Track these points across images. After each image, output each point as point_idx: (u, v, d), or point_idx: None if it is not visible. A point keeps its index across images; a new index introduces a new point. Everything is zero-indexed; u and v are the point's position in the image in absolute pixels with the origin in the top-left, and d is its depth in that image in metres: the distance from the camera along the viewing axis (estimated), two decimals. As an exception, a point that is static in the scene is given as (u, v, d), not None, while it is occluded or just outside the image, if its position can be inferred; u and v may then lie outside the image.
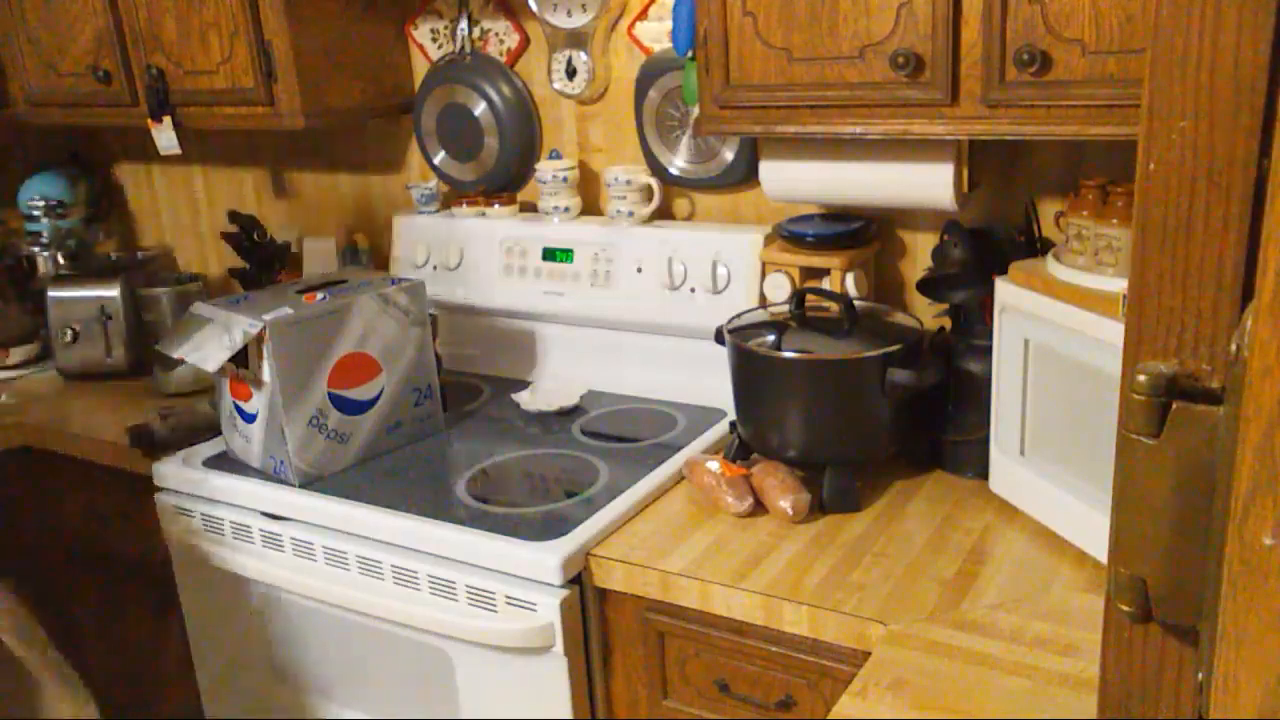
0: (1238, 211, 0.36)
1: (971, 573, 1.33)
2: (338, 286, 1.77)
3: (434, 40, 2.13)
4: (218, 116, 2.06)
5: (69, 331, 2.28)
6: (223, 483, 1.73)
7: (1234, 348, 0.36)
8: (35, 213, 2.57)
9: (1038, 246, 1.53)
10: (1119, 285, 1.25)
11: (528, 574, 1.43)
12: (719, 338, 1.63)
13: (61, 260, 2.49)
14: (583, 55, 1.93)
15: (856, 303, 1.59)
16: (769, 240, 1.80)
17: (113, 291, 2.29)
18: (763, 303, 1.78)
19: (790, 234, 1.75)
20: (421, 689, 1.61)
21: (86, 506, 2.11)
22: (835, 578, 1.33)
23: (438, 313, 2.04)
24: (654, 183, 1.91)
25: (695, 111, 1.65)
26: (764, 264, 1.78)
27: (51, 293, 2.31)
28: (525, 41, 2.03)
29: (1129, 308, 0.40)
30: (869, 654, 1.19)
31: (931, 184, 1.55)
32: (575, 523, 1.48)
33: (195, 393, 2.13)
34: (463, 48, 2.07)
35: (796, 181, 1.68)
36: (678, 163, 1.91)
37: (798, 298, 1.60)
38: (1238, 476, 0.32)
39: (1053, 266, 1.36)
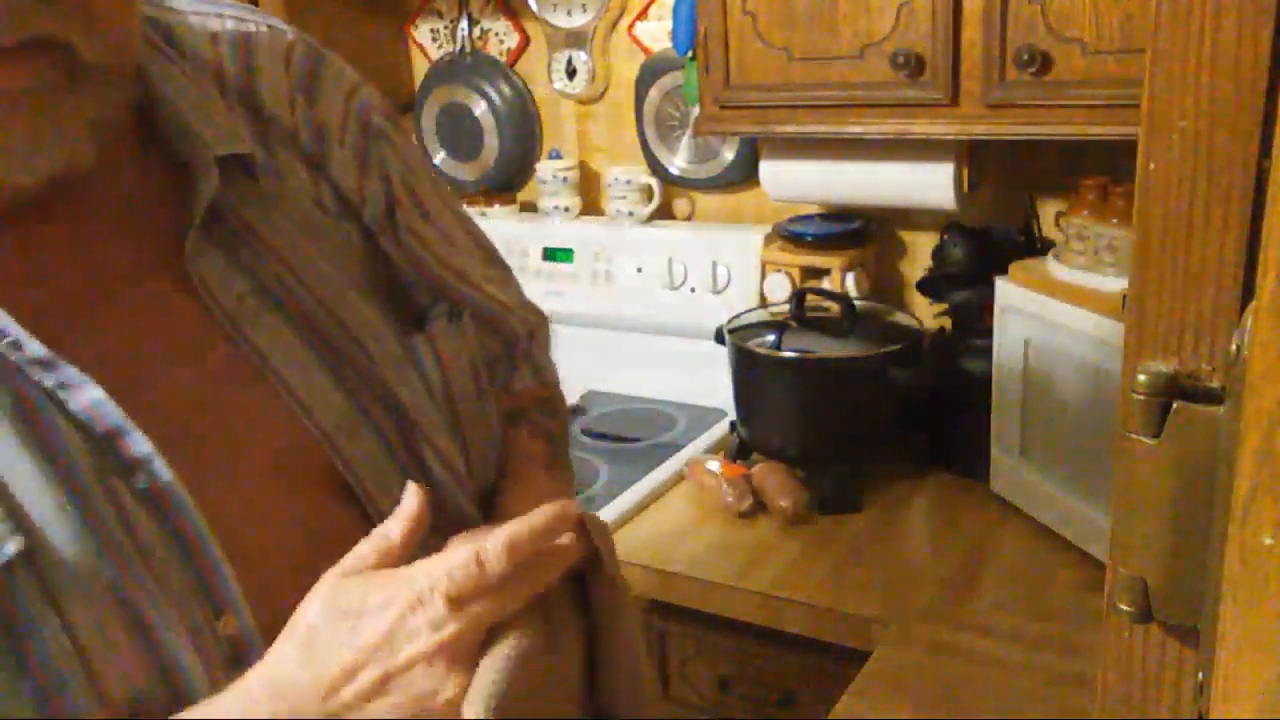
0: (1238, 211, 0.36)
1: (971, 573, 1.33)
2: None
3: (434, 40, 2.13)
4: (218, 116, 2.06)
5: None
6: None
7: (1234, 348, 0.36)
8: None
9: (1038, 246, 1.53)
10: (1119, 285, 1.25)
11: (528, 574, 1.42)
12: (719, 338, 1.63)
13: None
14: (583, 55, 1.93)
15: (856, 303, 1.59)
16: (769, 240, 1.80)
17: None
18: (763, 303, 1.78)
19: (790, 234, 1.75)
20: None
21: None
22: (835, 578, 1.33)
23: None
24: (654, 183, 1.91)
25: (695, 111, 1.65)
26: (764, 264, 1.78)
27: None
28: (525, 41, 2.03)
29: (1129, 308, 0.40)
30: (869, 654, 1.19)
31: (931, 184, 1.55)
32: (575, 523, 1.47)
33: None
34: (463, 48, 2.07)
35: (796, 181, 1.68)
36: (678, 163, 1.91)
37: (798, 298, 1.60)
38: (1238, 476, 0.32)
39: (1053, 266, 1.36)
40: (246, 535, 0.59)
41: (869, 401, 1.50)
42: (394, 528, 0.59)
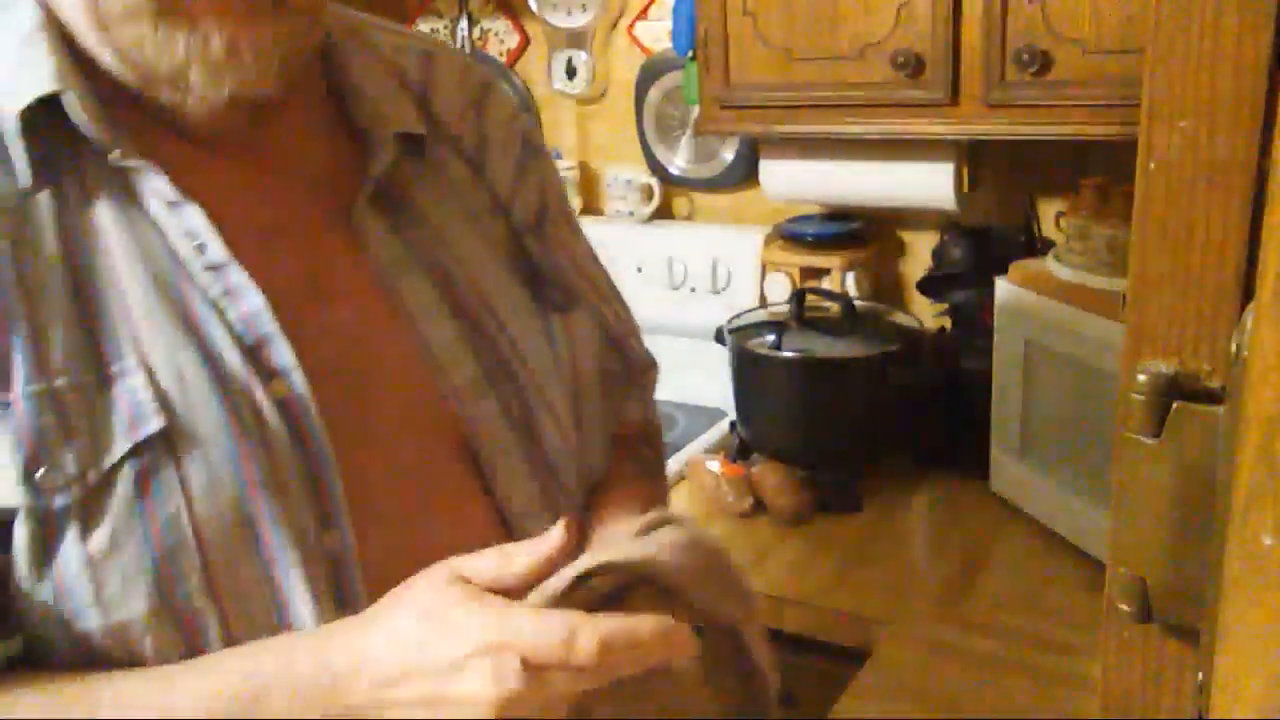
0: (1238, 211, 0.36)
1: (971, 573, 1.33)
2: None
3: (434, 40, 2.13)
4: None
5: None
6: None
7: (1234, 347, 0.36)
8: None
9: (1038, 246, 1.53)
10: (1119, 285, 1.25)
11: (528, 574, 1.42)
12: (719, 338, 1.63)
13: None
14: (583, 55, 1.93)
15: (856, 303, 1.59)
16: (769, 240, 1.80)
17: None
18: (763, 303, 1.78)
19: (790, 234, 1.75)
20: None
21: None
22: (835, 578, 1.33)
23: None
24: (654, 183, 1.91)
25: (695, 111, 1.65)
26: (764, 264, 1.78)
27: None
28: (525, 41, 2.03)
29: (1129, 308, 0.40)
30: (869, 654, 1.19)
31: (931, 184, 1.55)
32: (575, 523, 1.47)
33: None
34: (462, 48, 2.07)
35: (796, 181, 1.68)
36: (678, 163, 1.91)
37: (798, 298, 1.60)
38: (1238, 476, 0.32)
39: (1053, 266, 1.36)
40: (362, 463, 0.63)
41: (869, 401, 1.50)
42: (522, 559, 0.59)
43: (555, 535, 0.59)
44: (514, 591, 0.59)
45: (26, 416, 0.56)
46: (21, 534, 0.56)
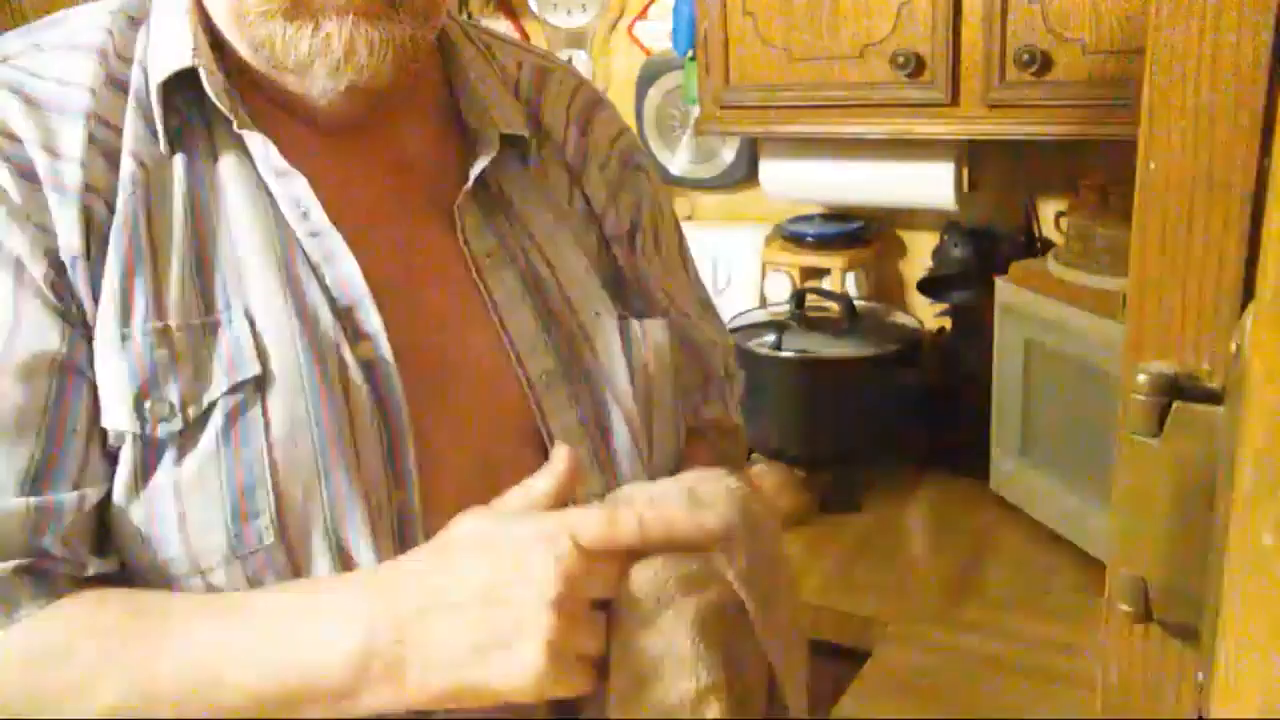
0: (1238, 211, 0.36)
1: (971, 573, 1.33)
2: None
3: (434, 40, 2.12)
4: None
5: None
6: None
7: (1234, 348, 0.36)
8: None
9: (1038, 246, 1.52)
10: (1119, 285, 1.25)
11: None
12: (719, 338, 1.63)
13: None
14: (583, 55, 1.93)
15: (856, 303, 1.59)
16: (769, 240, 1.80)
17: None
18: (763, 303, 1.78)
19: (790, 234, 1.75)
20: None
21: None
22: (835, 577, 1.33)
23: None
24: (654, 183, 1.91)
25: (695, 111, 1.65)
26: (764, 264, 1.78)
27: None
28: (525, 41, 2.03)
29: (1129, 308, 0.40)
30: (869, 654, 1.19)
31: (931, 184, 1.55)
32: (575, 523, 1.47)
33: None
34: (463, 48, 2.07)
35: (796, 181, 1.68)
36: (678, 163, 1.91)
37: (798, 298, 1.60)
38: (1239, 476, 0.32)
39: (1053, 266, 1.36)
40: (434, 435, 0.67)
41: (869, 401, 1.50)
42: (541, 482, 0.64)
43: (562, 452, 0.64)
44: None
45: (142, 350, 0.61)
46: (126, 458, 0.61)
